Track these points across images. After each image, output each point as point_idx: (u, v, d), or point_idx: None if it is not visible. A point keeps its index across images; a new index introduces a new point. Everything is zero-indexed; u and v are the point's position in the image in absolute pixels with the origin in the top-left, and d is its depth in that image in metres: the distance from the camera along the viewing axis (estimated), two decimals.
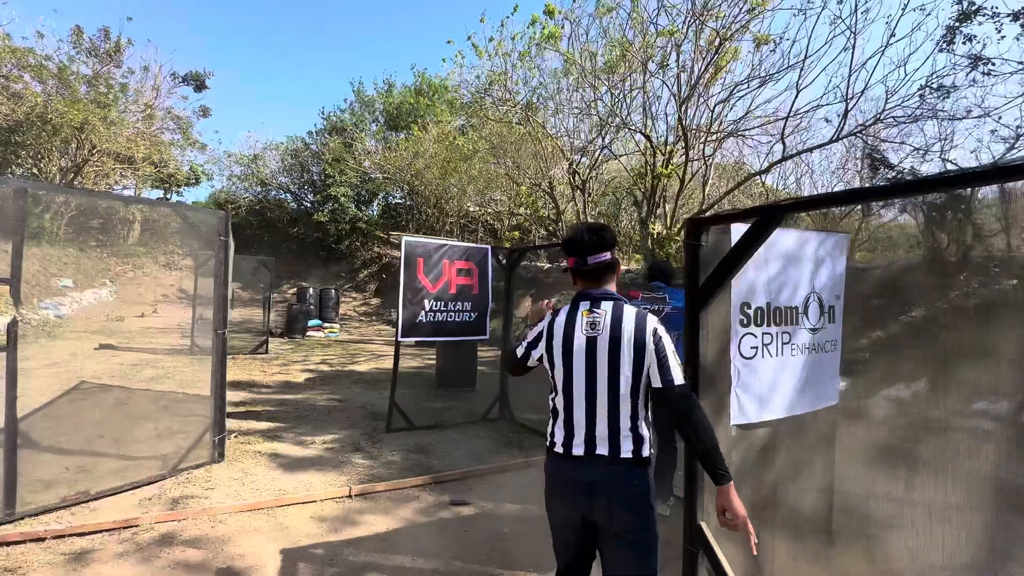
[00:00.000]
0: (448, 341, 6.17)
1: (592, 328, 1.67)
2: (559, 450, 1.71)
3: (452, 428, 5.30)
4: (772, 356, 2.29)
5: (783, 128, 8.05)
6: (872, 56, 6.88)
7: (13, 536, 2.78)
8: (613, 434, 1.63)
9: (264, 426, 5.08)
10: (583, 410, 1.66)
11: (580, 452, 1.66)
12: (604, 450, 1.63)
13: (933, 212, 6.80)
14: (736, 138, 9.45)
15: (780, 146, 8.30)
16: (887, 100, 7.18)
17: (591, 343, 1.66)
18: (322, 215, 18.94)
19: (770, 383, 2.28)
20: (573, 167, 11.18)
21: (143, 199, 10.33)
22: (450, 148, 16.16)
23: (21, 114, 13.46)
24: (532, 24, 9.35)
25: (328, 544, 2.92)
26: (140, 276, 15.82)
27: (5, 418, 2.92)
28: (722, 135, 9.09)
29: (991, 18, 6.21)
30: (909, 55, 6.81)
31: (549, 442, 1.77)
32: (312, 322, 13.19)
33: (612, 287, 1.77)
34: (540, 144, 11.75)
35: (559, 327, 1.75)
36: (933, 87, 6.56)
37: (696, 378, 2.03)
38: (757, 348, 2.22)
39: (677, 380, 1.58)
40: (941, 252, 6.69)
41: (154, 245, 16.98)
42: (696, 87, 8.39)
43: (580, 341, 1.68)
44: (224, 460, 4.04)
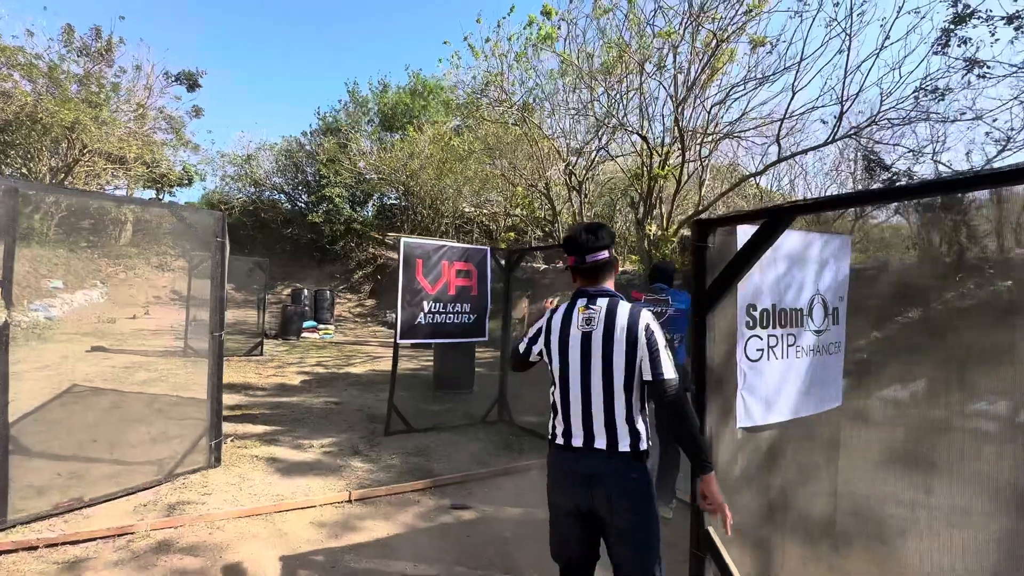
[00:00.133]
0: (447, 343, 6.13)
1: (588, 324, 1.74)
2: (560, 442, 1.78)
3: (451, 431, 5.26)
4: (777, 358, 2.28)
5: (779, 130, 8.08)
6: (867, 59, 6.86)
7: (5, 545, 2.70)
8: (610, 427, 1.68)
9: (261, 430, 5.02)
10: (580, 403, 1.72)
11: (579, 443, 1.72)
12: (602, 444, 1.68)
13: (928, 213, 6.85)
14: (732, 139, 9.47)
15: (775, 148, 8.34)
16: (882, 102, 7.24)
17: (586, 338, 1.72)
18: (316, 216, 18.85)
19: (776, 385, 2.27)
20: (569, 168, 11.17)
21: (137, 199, 10.20)
22: (446, 149, 16.12)
23: (10, 113, 13.25)
24: (529, 25, 9.33)
25: (328, 550, 2.88)
26: (132, 277, 15.64)
27: None
28: (718, 137, 9.10)
29: (985, 21, 6.26)
30: (904, 57, 6.80)
31: (551, 434, 1.84)
32: (307, 323, 13.10)
33: (610, 285, 1.83)
34: (536, 145, 11.73)
35: (557, 323, 1.81)
36: (928, 89, 6.60)
37: (703, 381, 2.01)
38: (763, 350, 2.21)
39: (667, 375, 1.63)
40: (936, 253, 6.74)
41: (146, 246, 16.79)
42: (692, 89, 8.41)
43: (576, 336, 1.75)
44: (221, 465, 3.99)
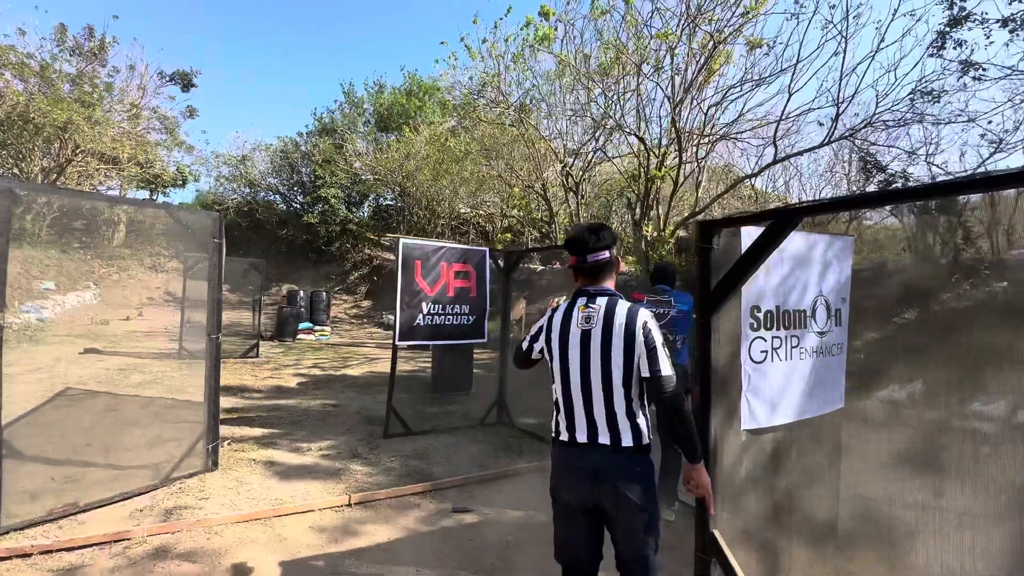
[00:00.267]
0: (445, 344, 6.10)
1: (587, 322, 1.77)
2: (564, 438, 1.81)
3: (450, 433, 5.23)
4: (781, 360, 2.27)
5: (775, 131, 8.11)
6: (862, 61, 6.89)
7: None
8: (612, 424, 1.72)
9: (258, 433, 4.97)
10: (581, 400, 1.76)
11: (583, 439, 1.76)
12: (606, 440, 1.72)
13: (924, 215, 6.89)
14: (728, 141, 9.50)
15: (771, 149, 8.37)
16: (877, 104, 7.27)
17: (586, 336, 1.76)
18: (312, 217, 18.76)
19: (780, 387, 2.26)
20: (566, 169, 11.17)
21: (132, 200, 10.08)
22: (442, 150, 16.06)
23: (1, 113, 13.08)
24: (526, 26, 9.32)
25: (329, 555, 2.84)
26: (125, 279, 15.49)
27: None
28: (715, 138, 9.13)
29: (980, 23, 6.30)
30: (899, 59, 6.83)
31: (554, 431, 1.87)
32: (303, 325, 13.04)
33: (610, 284, 1.86)
34: (533, 146, 11.72)
35: (557, 322, 1.85)
36: (924, 91, 6.64)
37: (708, 383, 2.00)
38: (767, 352, 2.20)
39: (664, 371, 1.67)
40: (931, 254, 6.78)
41: (140, 247, 16.63)
42: (689, 90, 8.42)
43: (576, 334, 1.78)
44: (218, 468, 3.94)
